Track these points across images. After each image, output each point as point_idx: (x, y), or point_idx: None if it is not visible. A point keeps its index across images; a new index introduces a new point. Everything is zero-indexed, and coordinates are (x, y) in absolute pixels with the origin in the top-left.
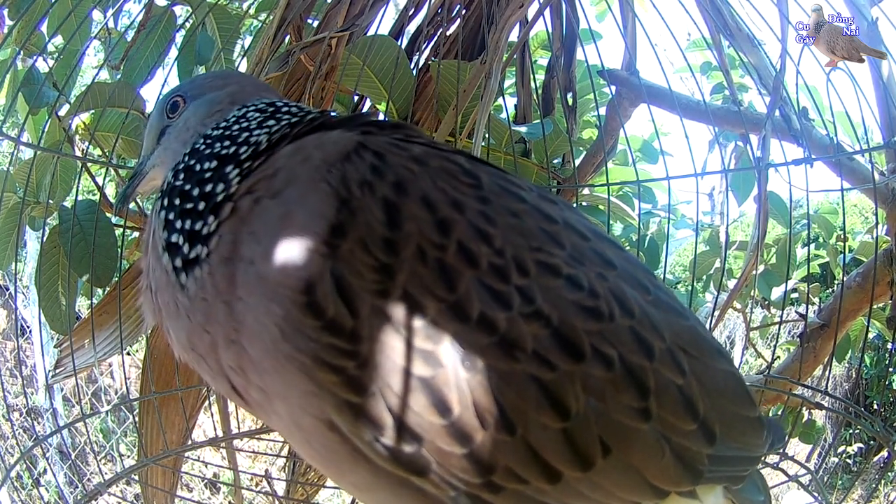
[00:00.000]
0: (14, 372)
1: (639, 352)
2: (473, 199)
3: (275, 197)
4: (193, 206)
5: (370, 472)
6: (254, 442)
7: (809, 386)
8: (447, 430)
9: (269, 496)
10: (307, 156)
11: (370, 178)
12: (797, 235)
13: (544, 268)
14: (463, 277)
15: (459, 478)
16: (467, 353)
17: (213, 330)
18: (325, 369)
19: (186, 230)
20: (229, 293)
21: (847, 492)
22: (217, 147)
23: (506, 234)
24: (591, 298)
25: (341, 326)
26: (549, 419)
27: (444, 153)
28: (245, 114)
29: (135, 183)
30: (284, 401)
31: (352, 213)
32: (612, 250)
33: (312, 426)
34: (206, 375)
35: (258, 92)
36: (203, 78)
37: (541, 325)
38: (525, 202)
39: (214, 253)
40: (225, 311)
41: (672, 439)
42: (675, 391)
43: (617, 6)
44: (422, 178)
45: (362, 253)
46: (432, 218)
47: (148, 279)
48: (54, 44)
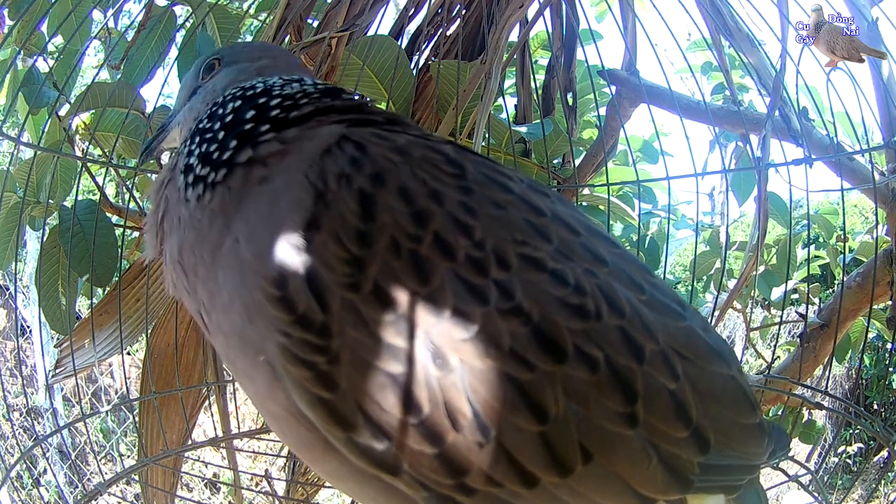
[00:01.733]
0: (14, 372)
1: (627, 353)
2: (455, 190)
3: (271, 182)
4: (213, 135)
5: (342, 464)
6: (254, 442)
7: (809, 386)
8: (417, 429)
9: (269, 496)
10: (301, 147)
11: (348, 170)
12: (797, 235)
13: (527, 261)
14: (437, 270)
15: (431, 478)
16: (439, 350)
17: (198, 254)
18: (297, 364)
19: (202, 152)
20: (218, 242)
21: (847, 492)
22: (240, 97)
23: (487, 226)
24: (576, 295)
25: (312, 321)
26: (525, 422)
27: (429, 143)
28: (270, 85)
29: (160, 137)
30: (250, 381)
31: (326, 206)
32: (606, 247)
33: (281, 416)
34: (183, 293)
35: (290, 69)
36: (242, 46)
37: (520, 321)
38: (511, 193)
39: (220, 187)
40: (210, 251)
41: (660, 446)
42: (667, 396)
43: (617, 6)
44: (402, 169)
45: (335, 246)
46: (409, 209)
47: (155, 215)
48: (54, 44)
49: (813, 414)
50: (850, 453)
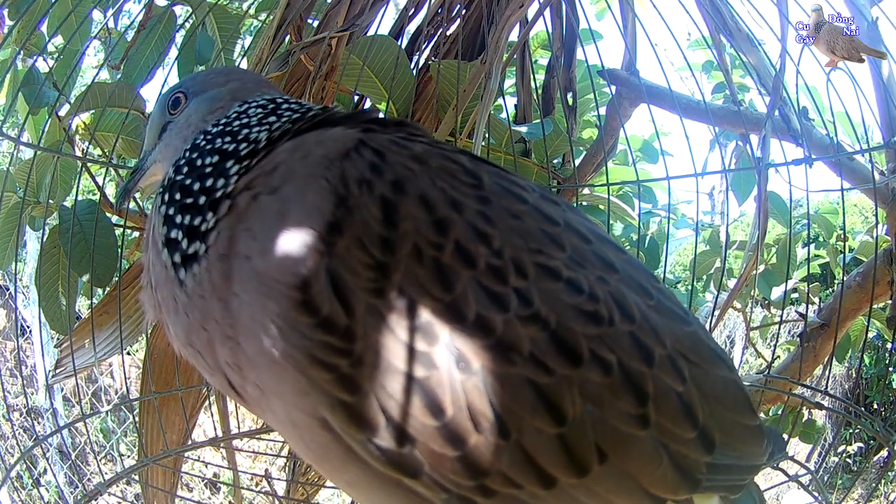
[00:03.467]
0: (14, 372)
1: (638, 357)
2: (473, 200)
3: (273, 193)
4: (193, 201)
5: (362, 471)
6: (254, 442)
7: (809, 386)
8: (440, 431)
9: (269, 496)
10: (307, 152)
11: (369, 176)
12: (797, 235)
13: (544, 270)
14: (460, 278)
15: (452, 480)
16: (462, 355)
17: (210, 327)
18: (319, 367)
19: (185, 226)
20: (225, 290)
21: (847, 492)
22: (218, 142)
23: (505, 235)
24: (590, 302)
25: (336, 324)
26: (544, 424)
27: (445, 152)
28: (246, 110)
29: (136, 178)
30: (279, 398)
31: (349, 211)
32: (615, 253)
33: (306, 424)
34: (203, 371)
35: (260, 88)
36: (205, 74)
37: (538, 328)
38: (526, 203)
39: (212, 249)
40: (221, 308)
41: (670, 447)
42: (675, 398)
43: (617, 6)
44: (421, 178)
45: (358, 251)
46: (430, 217)
47: (148, 274)
48: (54, 44)
49: (813, 413)
50: (850, 453)
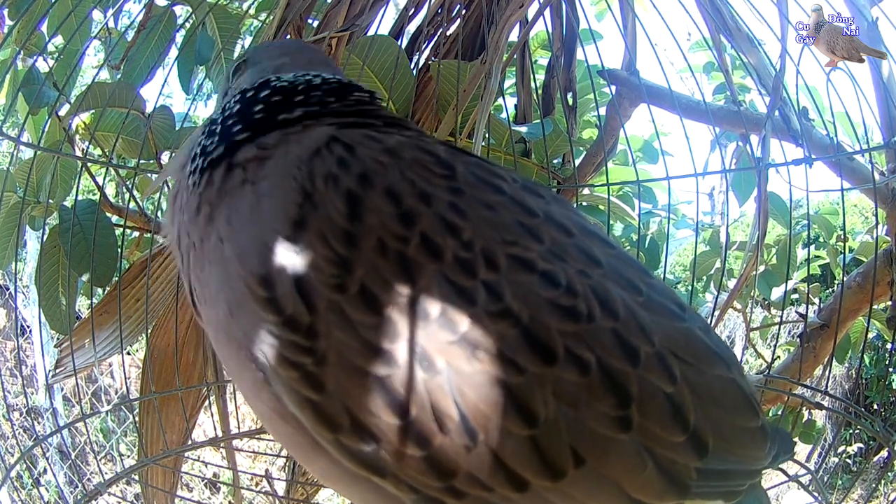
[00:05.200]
0: (14, 372)
1: (621, 356)
2: (444, 191)
3: (254, 184)
4: (215, 128)
5: (331, 464)
6: (254, 442)
7: (809, 386)
8: (403, 431)
9: (269, 496)
10: (287, 150)
11: (336, 171)
12: (797, 235)
13: (517, 262)
14: (425, 272)
15: (419, 481)
16: (425, 352)
17: (191, 237)
18: (286, 365)
19: (203, 145)
20: (205, 231)
21: (847, 492)
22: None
23: (476, 227)
24: (568, 297)
25: (299, 322)
26: (514, 425)
27: (421, 144)
28: (269, 84)
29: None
30: (238, 379)
31: (314, 207)
32: (601, 247)
33: (267, 414)
34: (181, 271)
35: (309, 66)
36: (267, 46)
37: (509, 323)
38: (503, 194)
39: (216, 172)
40: (199, 237)
41: (656, 451)
42: (663, 399)
43: (617, 6)
44: (391, 170)
45: (321, 246)
46: (396, 210)
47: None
48: (54, 44)
49: (813, 414)
50: (850, 453)
